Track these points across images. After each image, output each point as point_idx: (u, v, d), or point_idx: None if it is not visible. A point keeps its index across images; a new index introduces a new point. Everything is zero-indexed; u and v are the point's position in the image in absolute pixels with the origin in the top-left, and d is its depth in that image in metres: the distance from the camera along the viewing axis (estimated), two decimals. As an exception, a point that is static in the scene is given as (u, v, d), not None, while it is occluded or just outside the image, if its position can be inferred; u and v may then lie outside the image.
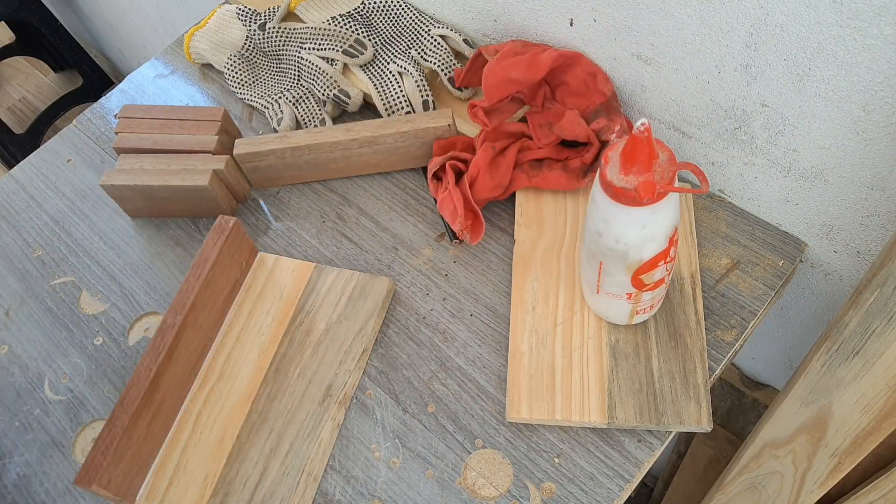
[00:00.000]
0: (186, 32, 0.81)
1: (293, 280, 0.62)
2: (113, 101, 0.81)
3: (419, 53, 0.71)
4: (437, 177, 0.65)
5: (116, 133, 0.69)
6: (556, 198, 0.64)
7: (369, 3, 0.76)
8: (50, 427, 0.60)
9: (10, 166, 1.71)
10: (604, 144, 0.62)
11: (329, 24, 0.75)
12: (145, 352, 0.53)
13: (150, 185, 0.65)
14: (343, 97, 0.71)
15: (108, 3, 1.58)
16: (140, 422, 0.51)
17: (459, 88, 0.70)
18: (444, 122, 0.64)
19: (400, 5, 0.75)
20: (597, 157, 0.62)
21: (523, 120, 0.66)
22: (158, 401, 0.53)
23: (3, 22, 1.81)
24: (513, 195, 0.65)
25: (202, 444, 0.55)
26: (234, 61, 0.77)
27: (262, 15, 0.79)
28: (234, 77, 0.77)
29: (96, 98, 0.92)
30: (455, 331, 0.60)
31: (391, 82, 0.70)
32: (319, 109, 0.72)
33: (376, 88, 0.71)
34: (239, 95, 0.76)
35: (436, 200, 0.65)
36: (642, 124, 0.40)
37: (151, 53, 1.31)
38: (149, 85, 0.82)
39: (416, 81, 0.69)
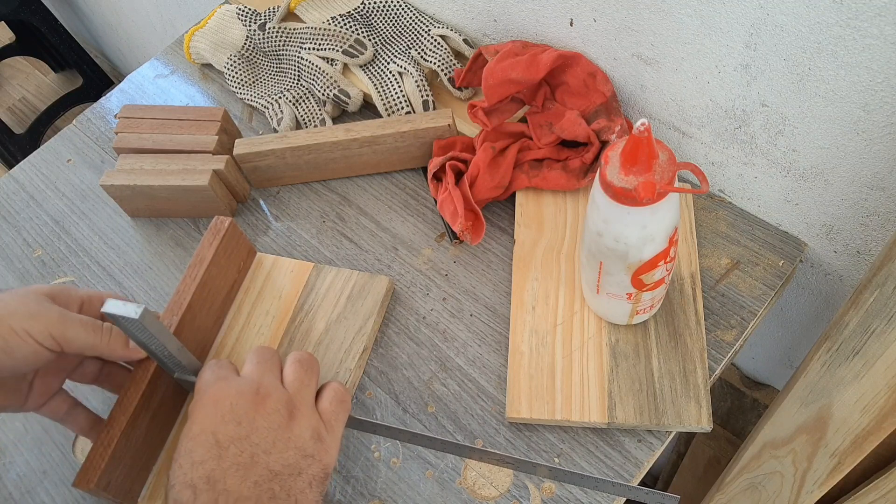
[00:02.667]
0: (186, 32, 0.81)
1: (292, 280, 0.62)
2: (113, 101, 0.82)
3: (419, 53, 0.71)
4: (438, 177, 0.65)
5: (116, 133, 0.69)
6: (556, 198, 0.64)
7: (369, 3, 0.76)
8: (50, 427, 0.60)
9: (10, 166, 1.71)
10: (604, 144, 0.62)
11: (329, 24, 0.75)
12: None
13: (150, 185, 0.65)
14: (343, 97, 0.71)
15: (108, 3, 1.58)
16: (139, 423, 0.51)
17: (459, 88, 0.70)
18: (444, 122, 0.64)
19: (400, 5, 0.75)
20: (597, 158, 0.62)
21: (523, 120, 0.66)
22: (157, 402, 0.53)
23: (3, 22, 1.81)
24: (513, 195, 0.65)
25: None
26: (234, 61, 0.77)
27: (262, 15, 0.79)
28: (234, 77, 0.77)
29: (96, 98, 0.92)
30: (455, 331, 0.60)
31: (391, 82, 0.70)
32: (319, 109, 0.72)
33: (376, 88, 0.71)
34: (239, 95, 0.76)
35: (436, 201, 0.65)
36: (642, 124, 0.40)
37: (151, 53, 1.31)
38: (149, 85, 0.82)
39: (416, 81, 0.69)
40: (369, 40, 0.73)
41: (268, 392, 0.46)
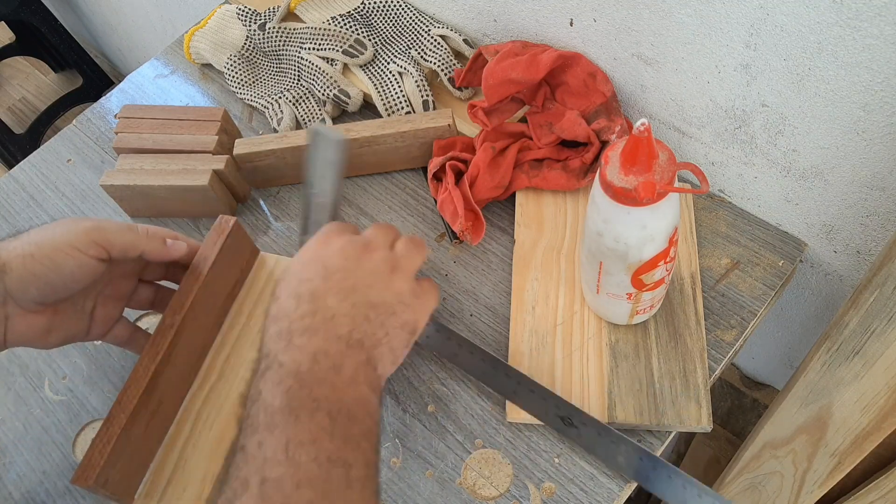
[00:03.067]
0: (186, 32, 0.81)
1: None
2: (113, 101, 0.81)
3: (419, 53, 0.71)
4: (438, 178, 0.65)
5: (116, 133, 0.69)
6: (556, 198, 0.64)
7: (369, 3, 0.76)
8: (50, 427, 0.60)
9: (10, 166, 1.71)
10: (604, 144, 0.62)
11: (329, 24, 0.75)
12: (144, 351, 0.53)
13: (150, 185, 0.65)
14: (343, 97, 0.71)
15: (108, 3, 1.58)
16: (138, 421, 0.51)
17: (459, 88, 0.70)
18: (444, 122, 0.64)
19: (400, 5, 0.75)
20: (597, 158, 0.62)
21: (523, 120, 0.66)
22: (157, 400, 0.53)
23: (3, 22, 1.81)
24: (513, 195, 0.65)
25: (201, 443, 0.55)
26: (234, 61, 0.77)
27: (262, 15, 0.79)
28: (234, 77, 0.77)
29: (96, 98, 0.92)
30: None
31: (391, 82, 0.70)
32: (319, 109, 0.72)
33: (376, 88, 0.71)
34: (239, 95, 0.76)
35: (436, 201, 0.65)
36: (642, 124, 0.40)
37: (151, 53, 1.31)
38: (149, 85, 0.82)
39: (416, 81, 0.69)
40: (369, 40, 0.73)
41: (377, 247, 0.49)
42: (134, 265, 0.56)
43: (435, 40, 0.72)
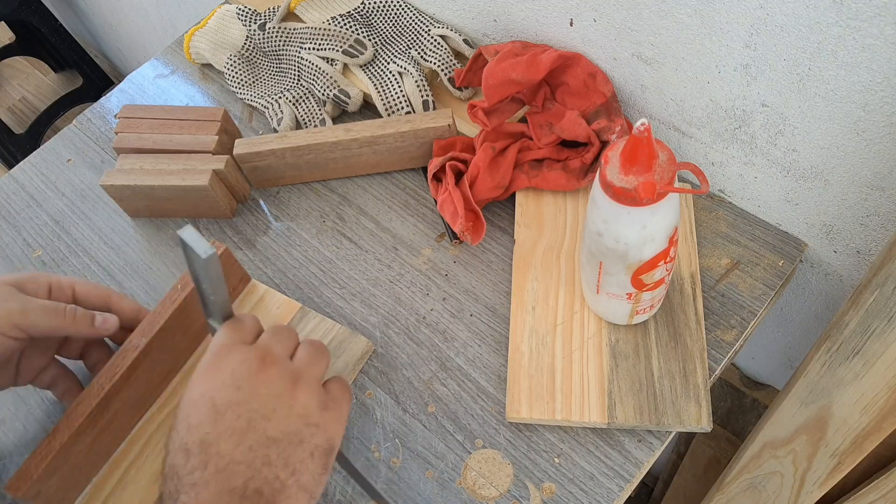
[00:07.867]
0: (186, 32, 0.81)
1: (275, 318, 0.60)
2: (113, 101, 0.82)
3: (419, 53, 0.72)
4: (438, 178, 0.65)
5: (116, 133, 0.69)
6: (556, 198, 0.64)
7: (369, 3, 0.76)
8: (50, 427, 0.60)
9: (10, 166, 1.71)
10: (604, 144, 0.62)
11: (329, 24, 0.75)
12: (103, 368, 0.52)
13: (150, 185, 0.65)
14: (343, 97, 0.71)
15: (108, 3, 1.58)
16: (83, 438, 0.50)
17: (459, 88, 0.70)
18: (444, 122, 0.64)
19: (400, 5, 0.75)
20: (597, 158, 0.62)
21: (523, 120, 0.66)
22: (107, 419, 0.52)
23: (3, 22, 1.81)
24: (513, 195, 0.65)
25: (145, 468, 0.54)
26: (234, 61, 0.77)
27: (262, 15, 0.79)
28: (234, 77, 0.77)
29: (96, 98, 0.92)
30: (455, 331, 0.60)
31: (391, 82, 0.70)
32: (319, 109, 0.72)
33: (376, 88, 0.71)
34: (239, 95, 0.76)
35: (436, 201, 0.65)
36: (642, 124, 0.40)
37: (151, 53, 1.31)
38: (149, 85, 0.82)
39: (416, 81, 0.69)
40: (369, 40, 0.73)
41: (274, 361, 0.45)
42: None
43: (435, 40, 0.72)
